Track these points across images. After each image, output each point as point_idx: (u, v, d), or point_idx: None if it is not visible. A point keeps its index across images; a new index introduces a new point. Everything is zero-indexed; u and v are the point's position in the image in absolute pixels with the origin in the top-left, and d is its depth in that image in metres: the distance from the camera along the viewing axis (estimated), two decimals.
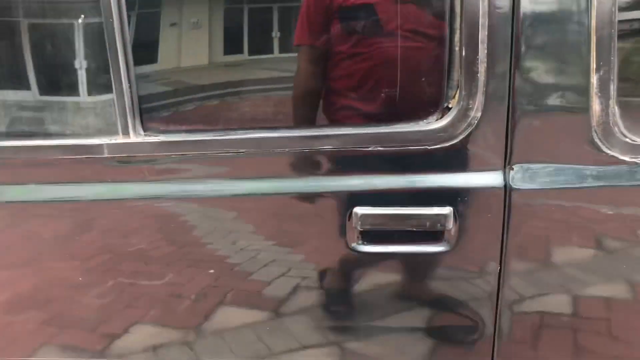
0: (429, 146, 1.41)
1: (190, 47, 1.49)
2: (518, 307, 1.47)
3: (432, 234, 1.45)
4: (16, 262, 1.61)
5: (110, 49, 1.43)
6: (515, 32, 1.31)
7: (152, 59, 1.50)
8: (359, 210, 1.44)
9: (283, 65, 1.48)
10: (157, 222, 1.53)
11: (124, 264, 1.56)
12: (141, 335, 1.62)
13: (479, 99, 1.35)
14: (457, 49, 1.35)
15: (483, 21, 1.31)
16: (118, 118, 1.48)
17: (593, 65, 1.30)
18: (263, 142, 1.46)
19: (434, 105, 1.41)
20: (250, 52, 1.47)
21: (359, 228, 1.45)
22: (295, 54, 1.49)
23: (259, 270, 1.52)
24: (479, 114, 1.36)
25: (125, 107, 1.47)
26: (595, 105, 1.33)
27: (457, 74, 1.37)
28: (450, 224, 1.42)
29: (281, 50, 1.46)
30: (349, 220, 1.45)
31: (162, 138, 1.49)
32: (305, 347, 1.56)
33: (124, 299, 1.59)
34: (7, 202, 1.56)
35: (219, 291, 1.55)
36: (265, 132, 1.46)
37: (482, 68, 1.33)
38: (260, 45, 1.46)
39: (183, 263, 1.54)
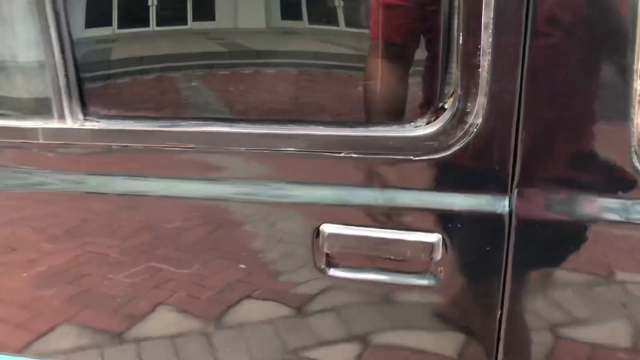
0: (415, 156, 1.10)
1: (145, 9, 1.22)
2: None
3: (416, 264, 1.16)
4: None
5: (37, 8, 1.19)
6: (531, 14, 0.97)
7: (94, 23, 1.24)
8: (327, 228, 1.17)
9: (247, 41, 1.20)
10: (95, 219, 1.31)
11: (55, 259, 1.36)
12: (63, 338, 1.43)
13: (480, 100, 1.03)
14: (455, 34, 1.03)
15: None
16: (52, 99, 1.25)
17: (637, 64, 0.95)
18: (215, 138, 1.20)
19: (424, 105, 1.10)
20: (220, 20, 1.19)
21: (325, 250, 1.17)
22: (274, 27, 1.19)
23: (202, 282, 1.28)
24: (479, 120, 1.05)
25: (59, 86, 1.24)
26: (638, 118, 0.98)
27: (454, 67, 1.05)
28: (438, 255, 1.13)
29: (254, 22, 1.18)
30: (316, 238, 1.18)
31: (102, 125, 1.26)
32: None
33: (45, 294, 1.39)
34: None
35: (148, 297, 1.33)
36: (218, 126, 1.20)
37: (485, 61, 1.01)
38: (231, 13, 1.19)
39: (120, 265, 1.33)
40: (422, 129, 1.09)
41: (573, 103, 1.00)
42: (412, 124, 1.11)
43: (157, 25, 1.21)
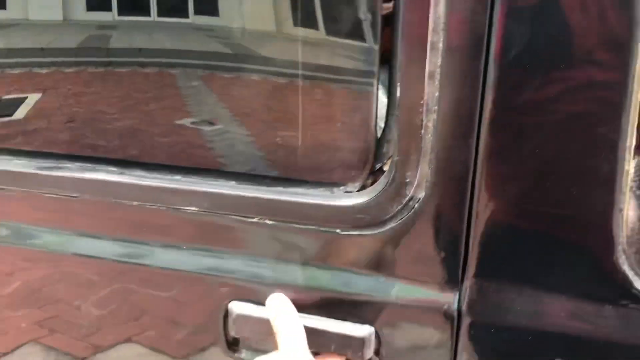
0: (342, 230, 0.86)
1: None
2: None
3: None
4: None
5: None
6: (492, 62, 0.72)
7: None
8: (236, 307, 0.93)
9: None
10: None
11: None
12: None
13: (423, 170, 0.79)
14: (394, 79, 0.78)
15: (435, 39, 0.72)
16: None
17: (631, 140, 0.70)
18: (101, 188, 0.96)
19: (358, 165, 0.85)
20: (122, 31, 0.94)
21: (232, 334, 0.94)
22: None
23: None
24: (421, 194, 0.80)
25: None
26: (628, 209, 0.73)
27: (394, 123, 0.80)
28: (369, 351, 0.89)
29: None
30: (225, 316, 0.95)
31: None
32: None
33: None
34: None
35: None
36: (106, 173, 0.96)
37: (429, 121, 0.76)
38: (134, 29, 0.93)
39: None
40: (352, 197, 0.85)
41: (544, 181, 0.75)
42: (341, 188, 0.87)
43: (35, 29, 0.96)
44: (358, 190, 0.86)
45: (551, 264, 0.79)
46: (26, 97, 0.98)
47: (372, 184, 0.85)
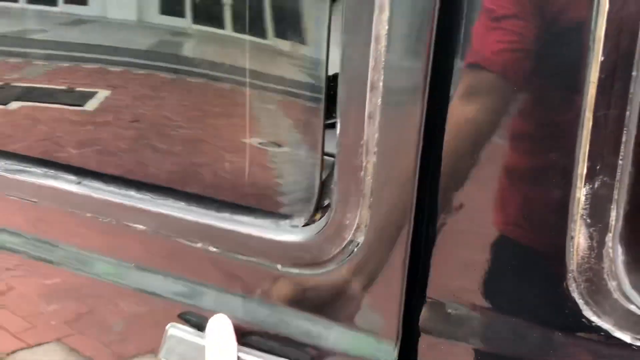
0: (282, 267, 0.82)
1: None
2: None
3: None
4: None
5: None
6: (438, 100, 0.66)
7: None
8: (173, 331, 0.91)
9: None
10: None
11: None
12: None
13: (363, 213, 0.74)
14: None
15: (375, 78, 0.67)
16: None
17: (583, 167, 0.63)
18: (60, 197, 0.96)
19: (300, 198, 0.81)
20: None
21: (161, 356, 0.92)
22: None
23: None
24: (360, 239, 0.75)
25: None
26: (579, 237, 0.66)
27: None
28: None
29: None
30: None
31: None
32: None
33: None
34: None
35: None
36: (62, 182, 0.95)
37: (369, 163, 0.71)
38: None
39: None
40: (294, 233, 0.81)
41: (487, 218, 0.69)
42: (287, 221, 0.83)
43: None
44: (304, 226, 0.81)
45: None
46: None
47: (310, 222, 0.81)
